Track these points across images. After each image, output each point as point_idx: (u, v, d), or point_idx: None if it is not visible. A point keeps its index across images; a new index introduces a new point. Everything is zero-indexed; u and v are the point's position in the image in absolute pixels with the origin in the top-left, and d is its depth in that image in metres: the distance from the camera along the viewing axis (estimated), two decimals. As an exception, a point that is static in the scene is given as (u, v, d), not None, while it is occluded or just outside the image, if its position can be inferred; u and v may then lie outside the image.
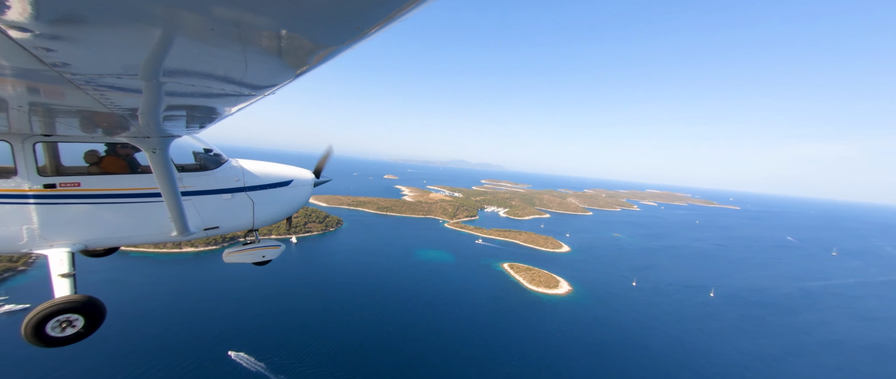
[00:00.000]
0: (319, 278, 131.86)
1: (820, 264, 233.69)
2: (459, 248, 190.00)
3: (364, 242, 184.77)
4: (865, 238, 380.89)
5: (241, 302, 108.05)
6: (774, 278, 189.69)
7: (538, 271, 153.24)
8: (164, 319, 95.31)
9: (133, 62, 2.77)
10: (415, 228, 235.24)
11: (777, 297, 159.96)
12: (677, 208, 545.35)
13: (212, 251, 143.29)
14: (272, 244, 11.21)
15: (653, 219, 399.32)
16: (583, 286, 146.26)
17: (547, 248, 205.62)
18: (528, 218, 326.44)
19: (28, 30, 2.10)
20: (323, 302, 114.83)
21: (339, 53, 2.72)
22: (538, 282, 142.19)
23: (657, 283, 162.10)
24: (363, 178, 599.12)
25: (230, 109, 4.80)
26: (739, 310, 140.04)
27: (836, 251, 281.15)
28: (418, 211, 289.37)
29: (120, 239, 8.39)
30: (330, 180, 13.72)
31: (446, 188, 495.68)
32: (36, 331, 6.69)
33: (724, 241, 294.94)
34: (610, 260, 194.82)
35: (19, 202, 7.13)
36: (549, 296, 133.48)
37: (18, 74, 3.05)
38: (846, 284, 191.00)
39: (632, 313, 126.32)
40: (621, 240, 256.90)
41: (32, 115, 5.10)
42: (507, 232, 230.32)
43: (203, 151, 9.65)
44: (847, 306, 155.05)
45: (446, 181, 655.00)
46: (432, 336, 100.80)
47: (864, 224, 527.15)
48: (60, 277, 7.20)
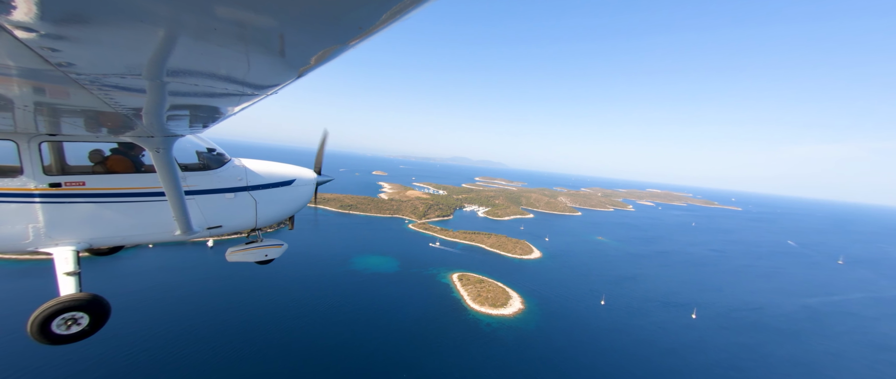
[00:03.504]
0: (211, 293, 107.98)
1: (825, 275, 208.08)
2: (410, 253, 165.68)
3: (302, 245, 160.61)
4: (872, 243, 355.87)
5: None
6: (774, 293, 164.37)
7: (490, 284, 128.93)
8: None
9: (137, 62, 2.78)
10: (373, 228, 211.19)
11: (776, 317, 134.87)
12: (675, 209, 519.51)
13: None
14: (275, 244, 11.13)
15: (647, 220, 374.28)
16: (538, 304, 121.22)
17: (514, 253, 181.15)
18: (508, 218, 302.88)
19: (33, 30, 2.11)
20: (209, 320, 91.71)
21: (342, 52, 2.72)
22: (484, 299, 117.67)
23: (633, 299, 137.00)
24: (349, 174, 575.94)
25: (233, 109, 4.83)
26: (730, 336, 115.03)
27: (843, 259, 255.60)
28: (385, 210, 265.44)
29: (124, 238, 8.43)
30: (332, 179, 13.56)
31: (432, 185, 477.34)
32: (42, 328, 6.71)
33: (721, 245, 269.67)
34: (584, 269, 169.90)
35: (25, 201, 7.20)
36: (491, 318, 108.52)
37: (24, 74, 3.08)
38: (856, 300, 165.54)
39: (590, 343, 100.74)
40: (604, 244, 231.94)
41: (38, 114, 5.17)
42: (476, 234, 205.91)
43: (206, 151, 9.58)
44: (860, 331, 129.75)
45: (437, 178, 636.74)
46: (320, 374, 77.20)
47: (870, 227, 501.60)
48: (65, 275, 7.23)
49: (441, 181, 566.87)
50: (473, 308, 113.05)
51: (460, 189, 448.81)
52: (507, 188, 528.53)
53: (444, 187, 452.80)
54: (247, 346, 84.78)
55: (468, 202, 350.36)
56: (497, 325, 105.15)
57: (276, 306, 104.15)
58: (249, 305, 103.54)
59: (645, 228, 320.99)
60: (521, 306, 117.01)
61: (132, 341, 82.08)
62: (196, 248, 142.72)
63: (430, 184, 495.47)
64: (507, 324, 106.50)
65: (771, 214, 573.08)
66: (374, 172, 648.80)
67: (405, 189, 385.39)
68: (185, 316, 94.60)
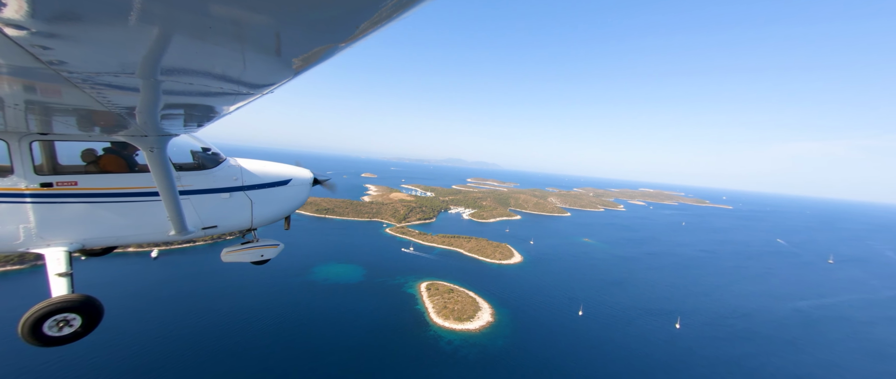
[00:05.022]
0: (141, 302, 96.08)
1: (816, 275, 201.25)
2: (380, 260, 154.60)
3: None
4: (862, 240, 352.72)
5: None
6: (764, 297, 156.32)
7: (460, 294, 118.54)
8: None
9: (130, 60, 2.73)
10: (346, 233, 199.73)
11: (767, 324, 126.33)
12: (666, 208, 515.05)
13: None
14: (271, 243, 11.07)
15: (637, 220, 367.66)
16: (510, 316, 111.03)
17: (494, 258, 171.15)
18: (494, 220, 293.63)
19: (24, 27, 2.07)
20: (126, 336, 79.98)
21: (339, 52, 2.69)
22: (450, 311, 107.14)
23: (614, 308, 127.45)
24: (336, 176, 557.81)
25: (229, 108, 4.77)
26: (716, 348, 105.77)
27: (833, 258, 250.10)
28: (364, 213, 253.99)
29: (117, 238, 8.33)
30: (329, 179, 13.46)
31: (420, 187, 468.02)
32: (33, 330, 6.62)
33: (711, 245, 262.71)
34: (565, 274, 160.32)
35: (16, 201, 7.10)
36: (453, 334, 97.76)
37: (15, 72, 3.03)
38: (849, 302, 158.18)
39: (560, 363, 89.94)
40: (591, 246, 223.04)
41: (29, 113, 5.08)
42: (455, 238, 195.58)
43: (201, 150, 9.50)
44: (856, 337, 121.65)
45: (428, 180, 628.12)
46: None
47: (859, 225, 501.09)
48: (57, 276, 7.11)
49: (431, 183, 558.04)
50: (436, 323, 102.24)
51: (449, 190, 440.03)
52: (498, 189, 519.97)
53: (433, 189, 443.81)
54: (157, 362, 73.29)
55: (454, 204, 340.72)
56: (459, 342, 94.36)
57: (209, 319, 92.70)
58: (181, 314, 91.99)
59: (634, 228, 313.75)
60: (489, 319, 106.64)
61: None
62: (140, 257, 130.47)
63: (418, 186, 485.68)
64: (472, 340, 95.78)
65: (761, 212, 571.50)
66: (364, 175, 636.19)
67: (390, 191, 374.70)
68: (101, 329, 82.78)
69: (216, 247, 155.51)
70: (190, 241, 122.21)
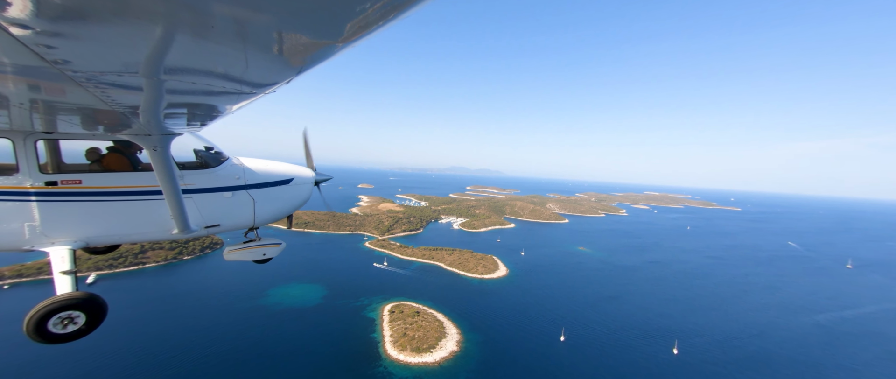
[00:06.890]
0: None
1: (835, 282, 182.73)
2: (348, 278, 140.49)
3: (217, 275, 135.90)
4: (881, 241, 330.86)
5: None
6: (778, 309, 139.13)
7: (427, 316, 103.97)
8: None
9: (134, 60, 2.76)
10: (320, 249, 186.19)
11: (783, 344, 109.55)
12: (671, 212, 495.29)
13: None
14: (273, 242, 11.00)
15: (639, 226, 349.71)
16: (480, 343, 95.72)
17: (475, 272, 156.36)
18: (486, 229, 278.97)
19: (29, 27, 2.09)
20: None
21: (341, 50, 2.70)
22: (408, 339, 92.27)
23: (604, 330, 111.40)
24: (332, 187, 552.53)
25: (231, 107, 4.83)
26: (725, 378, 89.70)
27: (852, 262, 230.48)
28: (345, 226, 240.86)
29: (121, 236, 8.34)
30: (331, 178, 13.52)
31: (415, 196, 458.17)
32: (38, 328, 6.68)
33: (718, 251, 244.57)
34: (552, 289, 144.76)
35: (21, 199, 7.16)
36: (407, 369, 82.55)
37: (19, 72, 3.05)
38: (876, 313, 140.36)
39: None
40: (586, 256, 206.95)
41: (34, 112, 5.14)
42: (437, 251, 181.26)
43: (204, 149, 9.55)
44: (891, 358, 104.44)
45: (425, 189, 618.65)
46: None
47: (875, 224, 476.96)
48: (62, 274, 7.16)
49: (428, 192, 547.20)
50: (389, 355, 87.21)
51: (444, 199, 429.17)
52: (495, 196, 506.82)
53: (428, 198, 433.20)
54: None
55: (446, 213, 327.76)
56: (415, 378, 79.38)
57: (131, 347, 79.23)
58: (104, 340, 78.61)
59: (635, 234, 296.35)
60: (454, 349, 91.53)
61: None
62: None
63: (413, 195, 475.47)
64: (430, 376, 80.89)
65: (771, 214, 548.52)
66: (360, 185, 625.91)
67: (381, 201, 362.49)
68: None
69: (169, 268, 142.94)
70: (139, 263, 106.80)
